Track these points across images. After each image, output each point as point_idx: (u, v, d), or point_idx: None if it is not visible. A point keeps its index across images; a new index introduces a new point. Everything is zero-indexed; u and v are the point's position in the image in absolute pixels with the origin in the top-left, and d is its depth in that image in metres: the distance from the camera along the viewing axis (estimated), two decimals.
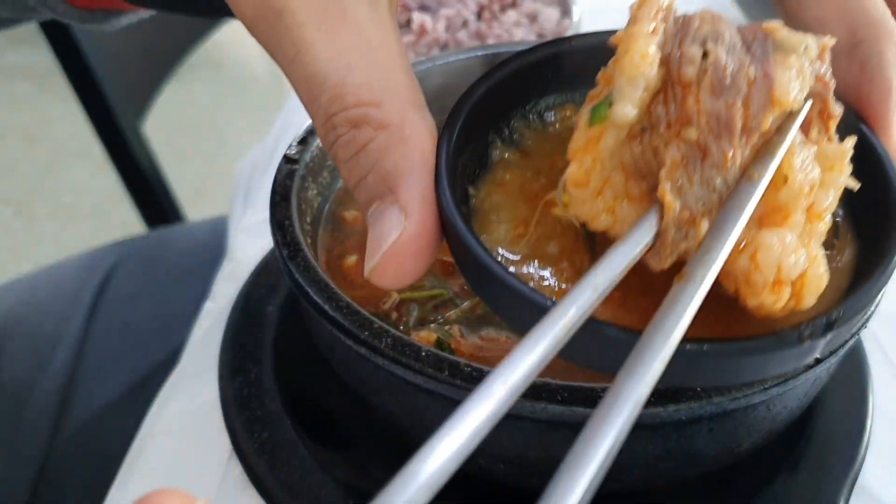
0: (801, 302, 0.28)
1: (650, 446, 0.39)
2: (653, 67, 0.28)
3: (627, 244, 0.27)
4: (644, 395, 0.22)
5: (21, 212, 2.24)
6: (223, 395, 0.51)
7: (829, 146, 0.32)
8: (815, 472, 0.46)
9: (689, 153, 0.28)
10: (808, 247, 0.29)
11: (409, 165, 0.29)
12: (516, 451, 0.40)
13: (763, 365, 0.29)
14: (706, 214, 0.28)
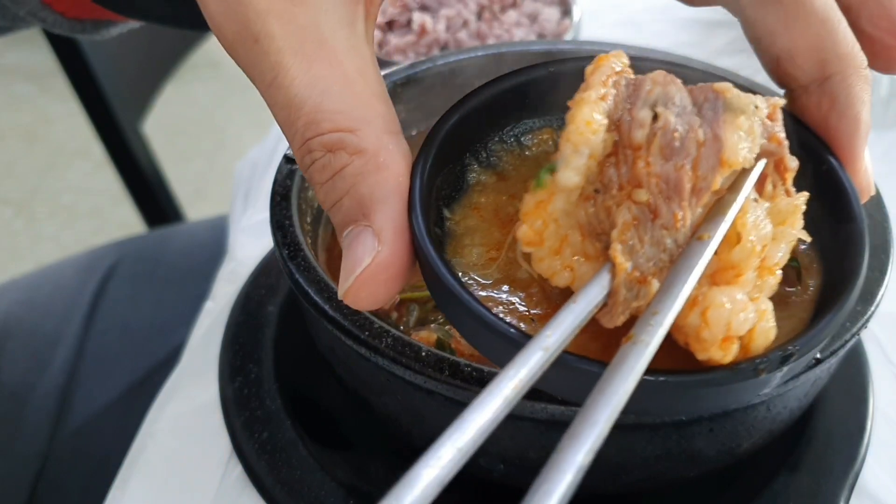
0: (748, 354, 0.29)
1: (651, 446, 0.39)
2: (598, 135, 0.29)
3: (579, 304, 0.27)
4: (586, 462, 0.23)
5: (21, 212, 2.24)
6: (223, 395, 0.51)
7: (783, 201, 0.32)
8: (816, 473, 0.46)
9: (640, 214, 0.29)
10: (758, 301, 0.30)
11: (383, 191, 0.30)
12: (516, 450, 0.40)
13: (719, 396, 0.30)
14: (657, 274, 0.29)
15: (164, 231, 1.07)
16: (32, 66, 2.62)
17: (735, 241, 0.29)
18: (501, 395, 0.24)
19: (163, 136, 1.61)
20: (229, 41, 0.32)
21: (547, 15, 0.79)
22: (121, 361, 0.78)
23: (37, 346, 0.79)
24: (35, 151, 2.44)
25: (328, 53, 0.31)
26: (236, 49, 0.32)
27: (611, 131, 0.30)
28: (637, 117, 0.29)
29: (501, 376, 0.24)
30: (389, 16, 0.79)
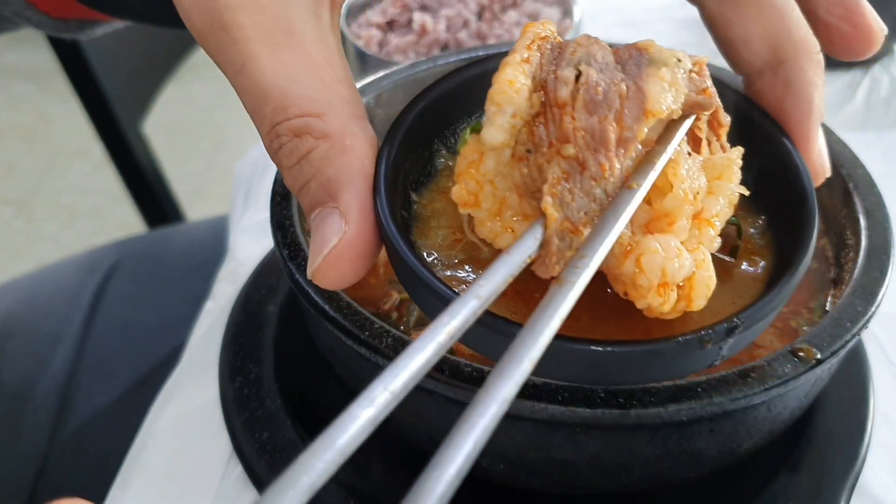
0: (691, 304, 0.30)
1: (651, 447, 0.39)
2: (520, 94, 0.30)
3: (512, 255, 0.28)
4: (512, 393, 0.23)
5: (21, 212, 2.23)
6: (223, 394, 0.51)
7: (718, 156, 0.33)
8: (816, 473, 0.46)
9: (568, 168, 0.30)
10: (696, 251, 0.31)
11: (349, 174, 0.31)
12: (516, 451, 0.40)
13: (668, 366, 0.31)
14: (588, 224, 0.29)
15: (164, 231, 1.06)
16: (32, 66, 2.62)
17: (667, 190, 0.31)
18: (435, 341, 0.25)
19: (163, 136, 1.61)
20: (199, 31, 0.33)
21: (547, 15, 0.79)
22: (121, 361, 0.78)
23: (37, 345, 0.79)
24: (35, 151, 2.44)
25: (295, 42, 0.32)
26: (206, 38, 0.32)
27: (537, 91, 0.31)
28: (561, 76, 0.30)
29: (436, 323, 0.25)
30: (390, 15, 0.79)
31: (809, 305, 0.46)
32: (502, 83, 0.30)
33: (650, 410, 0.35)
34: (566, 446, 0.39)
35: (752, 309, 0.31)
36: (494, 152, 0.31)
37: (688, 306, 0.30)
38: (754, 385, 0.36)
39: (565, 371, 0.32)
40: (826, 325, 0.39)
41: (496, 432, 0.39)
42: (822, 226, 0.50)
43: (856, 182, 0.47)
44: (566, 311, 0.26)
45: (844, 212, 0.47)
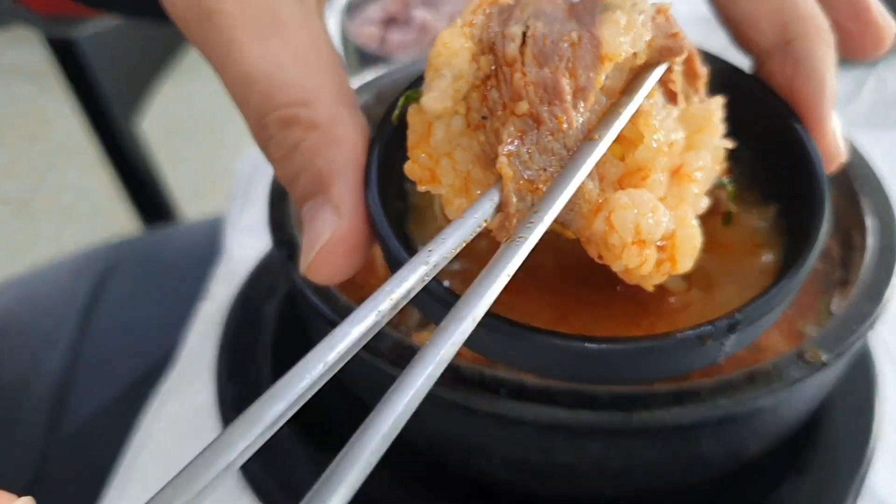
0: (675, 265, 0.28)
1: (655, 451, 0.38)
2: (459, 56, 0.29)
3: (467, 220, 0.27)
4: (450, 354, 0.22)
5: (19, 211, 2.23)
6: (221, 396, 0.51)
7: (696, 107, 0.31)
8: (822, 476, 0.45)
9: (523, 126, 0.28)
10: (678, 208, 0.29)
11: (340, 165, 0.30)
12: (517, 454, 0.39)
13: (668, 364, 0.30)
14: (549, 181, 0.28)
15: (161, 231, 1.06)
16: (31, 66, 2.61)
17: (639, 143, 0.29)
18: (376, 309, 0.23)
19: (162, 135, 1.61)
20: (182, 19, 0.32)
21: None
22: (118, 362, 0.78)
23: (33, 345, 0.78)
24: (34, 151, 2.43)
25: (280, 28, 0.31)
26: (189, 26, 0.31)
27: (486, 54, 0.29)
28: (508, 33, 0.29)
29: (379, 291, 0.24)
30: (390, 12, 0.79)
31: (815, 307, 0.46)
32: (438, 46, 0.29)
33: (654, 414, 0.35)
34: (569, 450, 0.38)
35: (755, 304, 0.29)
36: (442, 121, 0.29)
37: (672, 268, 0.28)
38: (760, 388, 0.36)
39: (561, 368, 0.31)
40: (832, 326, 0.39)
41: (497, 434, 0.38)
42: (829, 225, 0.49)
43: (862, 182, 0.46)
44: (514, 269, 0.24)
45: (851, 212, 0.46)
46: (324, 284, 0.31)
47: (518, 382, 0.35)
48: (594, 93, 0.29)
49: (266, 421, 0.20)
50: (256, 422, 0.20)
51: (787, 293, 0.30)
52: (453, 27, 0.29)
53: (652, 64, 0.31)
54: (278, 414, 0.20)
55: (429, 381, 0.22)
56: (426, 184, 0.30)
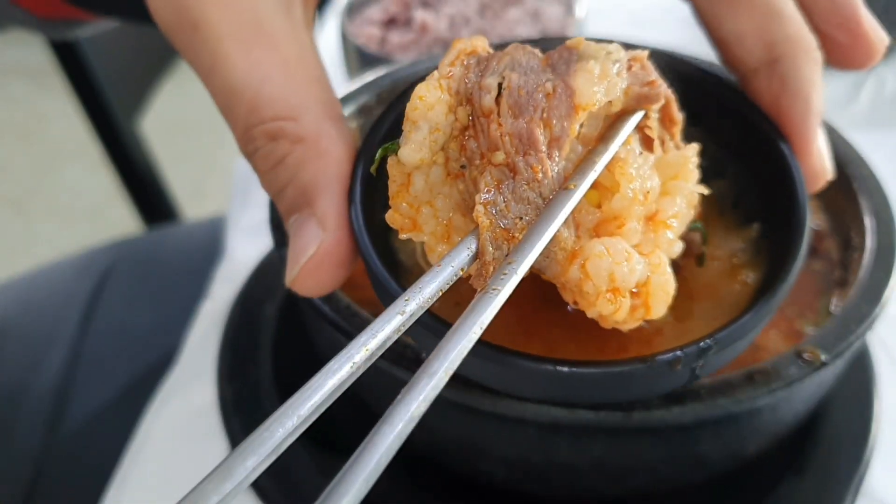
0: (650, 311, 0.29)
1: (654, 450, 0.39)
2: (435, 109, 0.29)
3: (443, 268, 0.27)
4: (422, 409, 0.23)
5: (18, 211, 2.23)
6: (221, 396, 0.51)
7: (672, 154, 0.32)
8: (821, 476, 0.46)
9: (500, 175, 0.29)
10: (651, 255, 0.29)
11: (325, 179, 0.30)
12: (518, 455, 0.39)
13: (637, 387, 0.30)
14: (524, 229, 0.28)
15: (161, 231, 1.06)
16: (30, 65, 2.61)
17: (615, 191, 0.29)
18: (351, 360, 0.24)
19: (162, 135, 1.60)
20: (168, 28, 0.32)
21: (549, 12, 0.78)
22: (118, 362, 0.77)
23: (33, 346, 0.78)
24: (32, 151, 2.43)
25: (267, 39, 0.31)
26: (175, 36, 0.32)
27: (463, 105, 0.30)
28: (485, 84, 0.29)
29: (354, 341, 0.24)
30: (390, 13, 0.79)
31: (814, 307, 0.46)
32: (413, 100, 0.29)
33: (653, 414, 0.35)
34: (569, 450, 0.38)
35: (727, 330, 0.30)
36: (420, 171, 0.30)
37: (646, 314, 0.29)
38: (759, 388, 0.36)
39: (534, 390, 0.32)
40: (831, 326, 0.39)
41: (498, 434, 0.38)
42: (827, 226, 0.49)
43: (861, 182, 0.46)
44: (488, 320, 0.25)
45: (850, 212, 0.46)
46: (309, 296, 0.31)
47: None
48: (569, 142, 0.29)
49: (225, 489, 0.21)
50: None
51: (760, 320, 0.30)
52: (430, 79, 0.30)
53: (629, 111, 0.31)
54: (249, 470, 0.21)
55: (399, 439, 0.22)
56: (408, 232, 0.31)
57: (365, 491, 0.20)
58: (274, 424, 0.22)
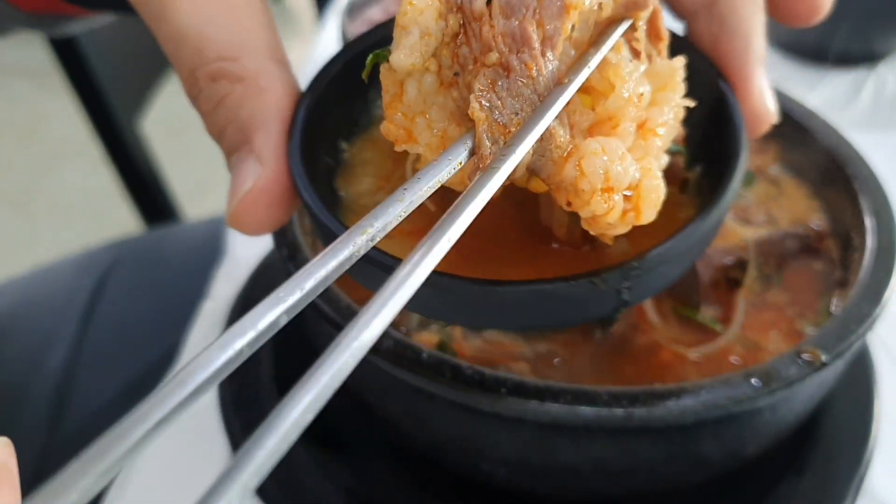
0: (640, 214, 0.29)
1: (655, 450, 0.38)
2: (425, 14, 0.29)
3: (440, 163, 0.27)
4: (424, 273, 0.22)
5: (19, 210, 2.23)
6: (222, 396, 0.51)
7: (660, 65, 0.32)
8: (821, 476, 0.45)
9: (494, 75, 0.29)
10: (642, 160, 0.29)
11: (264, 116, 0.31)
12: (518, 455, 0.39)
13: (567, 308, 0.30)
14: (520, 124, 0.28)
15: (162, 230, 1.06)
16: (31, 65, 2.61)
17: (609, 91, 0.29)
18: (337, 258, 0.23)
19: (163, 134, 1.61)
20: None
21: None
22: (118, 361, 0.77)
23: (34, 345, 0.78)
24: (33, 150, 2.43)
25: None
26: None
27: (454, 13, 0.30)
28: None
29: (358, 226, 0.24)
30: (391, 13, 0.79)
31: (815, 307, 0.46)
32: (404, 6, 0.29)
33: (653, 413, 0.35)
34: (569, 450, 0.38)
35: (653, 252, 0.29)
36: (413, 79, 0.30)
37: (637, 218, 0.29)
38: (760, 387, 0.36)
39: (463, 314, 0.31)
40: (831, 327, 0.39)
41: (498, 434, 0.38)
42: (827, 226, 0.49)
43: (861, 182, 0.46)
44: (488, 195, 0.25)
45: (850, 212, 0.46)
46: (249, 235, 0.32)
47: (518, 381, 0.35)
48: (562, 41, 0.29)
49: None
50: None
51: (684, 243, 0.30)
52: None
53: (618, 19, 0.31)
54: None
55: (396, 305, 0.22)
56: (403, 143, 0.30)
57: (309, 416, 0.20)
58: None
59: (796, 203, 0.51)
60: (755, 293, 0.46)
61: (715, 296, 0.45)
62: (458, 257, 0.28)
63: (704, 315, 0.45)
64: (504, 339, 0.44)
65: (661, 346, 0.44)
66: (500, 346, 0.44)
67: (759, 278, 0.47)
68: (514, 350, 0.44)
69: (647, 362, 0.43)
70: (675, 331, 0.44)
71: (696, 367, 0.43)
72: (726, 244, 0.47)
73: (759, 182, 0.53)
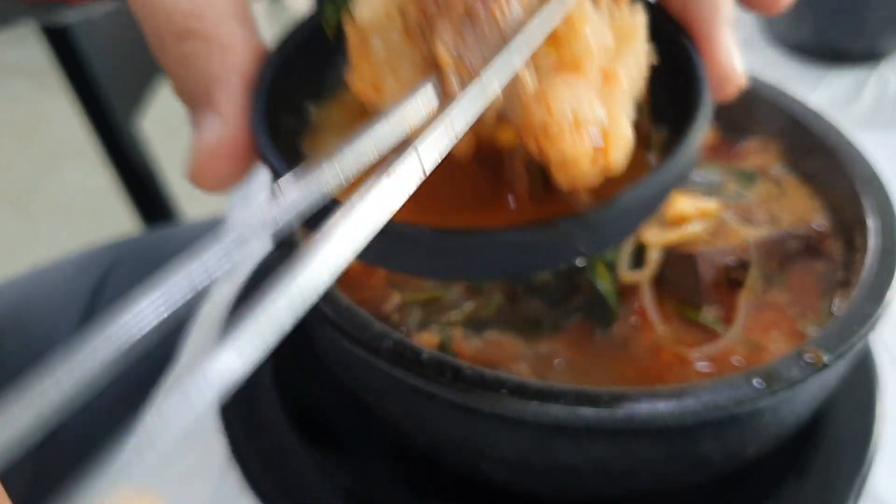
0: (609, 159, 0.29)
1: (656, 451, 0.38)
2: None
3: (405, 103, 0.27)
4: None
5: (18, 210, 2.23)
6: None
7: (621, 17, 0.32)
8: (823, 478, 0.45)
9: (460, 25, 0.29)
10: (609, 107, 0.29)
11: (226, 73, 0.31)
12: (518, 456, 0.39)
13: (520, 257, 0.29)
14: (485, 64, 0.28)
15: (161, 231, 1.06)
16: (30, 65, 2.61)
17: (573, 36, 0.29)
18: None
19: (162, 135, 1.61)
20: None
21: None
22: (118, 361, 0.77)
23: (33, 345, 0.78)
24: (32, 149, 2.43)
25: None
26: None
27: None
28: None
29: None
30: None
31: (817, 308, 0.46)
32: None
33: (655, 414, 0.35)
34: (570, 451, 0.38)
35: (609, 203, 0.29)
36: (378, 34, 0.30)
37: (606, 162, 0.29)
38: (762, 388, 0.36)
39: (412, 261, 0.31)
40: (834, 327, 0.39)
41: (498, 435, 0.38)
42: (829, 226, 0.49)
43: (864, 182, 0.46)
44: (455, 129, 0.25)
45: (853, 212, 0.46)
46: (209, 191, 0.32)
47: (519, 382, 0.35)
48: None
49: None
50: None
51: (640, 193, 0.29)
52: None
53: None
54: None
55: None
56: (371, 98, 0.30)
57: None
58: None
59: (798, 203, 0.51)
60: (757, 294, 0.46)
61: (716, 296, 0.45)
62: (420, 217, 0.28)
63: (706, 315, 0.45)
64: (505, 339, 0.44)
65: (663, 346, 0.43)
66: (501, 346, 0.44)
67: (760, 279, 0.47)
68: (514, 351, 0.44)
69: (649, 363, 0.43)
70: (676, 331, 0.44)
71: (697, 367, 0.43)
72: (728, 244, 0.47)
73: (761, 182, 0.53)
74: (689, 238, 0.47)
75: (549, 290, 0.46)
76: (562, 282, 0.47)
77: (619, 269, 0.46)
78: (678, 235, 0.46)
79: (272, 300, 0.20)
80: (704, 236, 0.47)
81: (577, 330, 0.45)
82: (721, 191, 0.53)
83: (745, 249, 0.47)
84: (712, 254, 0.45)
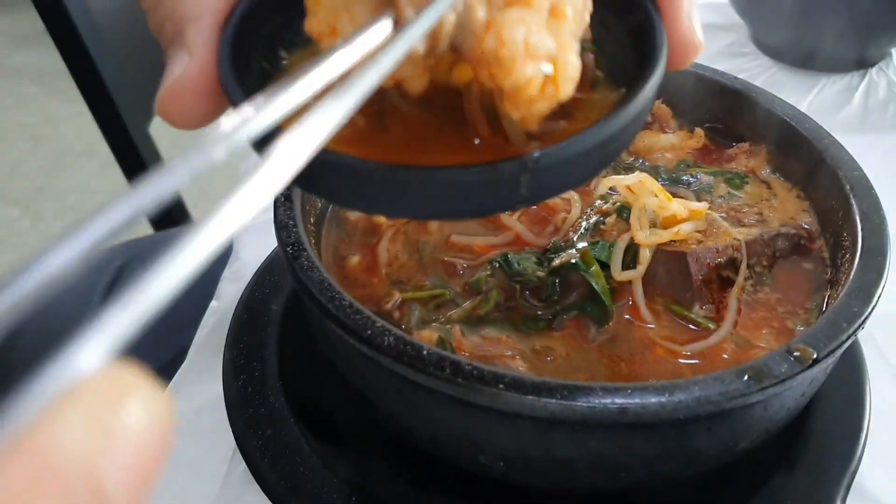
0: (558, 87, 0.29)
1: (649, 445, 0.39)
2: None
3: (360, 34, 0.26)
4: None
5: (27, 211, 2.25)
6: (227, 393, 0.51)
7: None
8: (812, 472, 0.46)
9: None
10: (556, 38, 0.29)
11: (198, 11, 0.32)
12: (516, 449, 0.40)
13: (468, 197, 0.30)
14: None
15: (170, 232, 1.07)
16: (39, 68, 2.63)
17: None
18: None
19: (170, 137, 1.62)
20: None
21: None
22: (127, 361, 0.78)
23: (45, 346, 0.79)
24: (41, 151, 2.45)
25: None
26: None
27: None
28: None
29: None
30: None
31: (806, 306, 0.46)
32: None
33: (647, 408, 0.35)
34: (565, 444, 0.39)
35: (551, 147, 0.29)
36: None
37: (556, 90, 0.29)
38: (751, 384, 0.36)
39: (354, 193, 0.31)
40: (823, 325, 0.39)
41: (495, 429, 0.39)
42: (818, 226, 0.50)
43: (853, 184, 0.47)
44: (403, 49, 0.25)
45: (841, 214, 0.47)
46: (176, 127, 0.32)
47: (516, 378, 0.36)
48: None
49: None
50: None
51: (583, 144, 0.30)
52: None
53: None
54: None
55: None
56: (326, 39, 0.31)
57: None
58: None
59: (788, 204, 0.52)
60: (747, 292, 0.47)
61: (707, 294, 0.46)
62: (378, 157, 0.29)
63: (697, 313, 0.46)
64: (502, 336, 0.45)
65: (655, 343, 0.44)
66: (499, 343, 0.45)
67: (751, 277, 0.48)
68: (511, 347, 0.44)
69: (641, 359, 0.44)
70: (668, 328, 0.45)
71: (688, 363, 0.44)
72: (719, 244, 0.48)
73: (752, 183, 0.54)
74: (681, 238, 0.47)
75: (545, 289, 0.47)
76: (557, 281, 0.48)
77: (612, 267, 0.47)
78: (670, 236, 0.47)
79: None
80: (696, 236, 0.47)
81: (572, 327, 0.46)
82: (712, 192, 0.54)
83: (735, 249, 0.47)
84: (703, 253, 0.46)
